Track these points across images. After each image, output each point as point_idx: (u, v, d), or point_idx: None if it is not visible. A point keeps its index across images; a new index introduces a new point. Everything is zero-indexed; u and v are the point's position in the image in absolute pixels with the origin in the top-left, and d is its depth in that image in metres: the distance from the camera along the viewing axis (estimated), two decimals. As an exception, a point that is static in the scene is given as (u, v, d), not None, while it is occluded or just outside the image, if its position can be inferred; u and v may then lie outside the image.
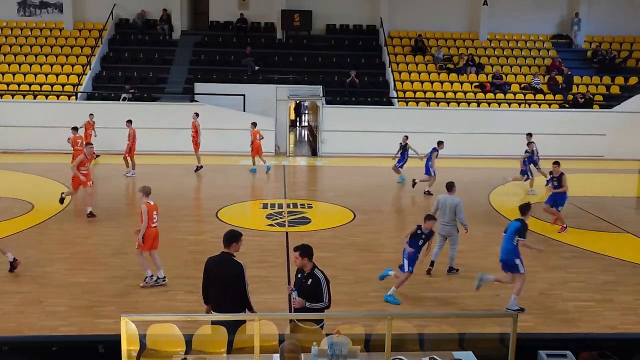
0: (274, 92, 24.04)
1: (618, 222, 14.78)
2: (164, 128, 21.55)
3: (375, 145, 22.75)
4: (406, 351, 6.53)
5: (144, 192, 10.09)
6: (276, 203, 16.00)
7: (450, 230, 11.02)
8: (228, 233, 7.27)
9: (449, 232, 11.04)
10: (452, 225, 10.98)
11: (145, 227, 9.86)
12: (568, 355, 6.33)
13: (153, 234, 10.02)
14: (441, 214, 11.02)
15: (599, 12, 28.12)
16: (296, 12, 27.24)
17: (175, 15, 27.56)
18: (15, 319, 8.76)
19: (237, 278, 7.01)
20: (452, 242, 11.08)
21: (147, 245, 10.00)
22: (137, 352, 6.39)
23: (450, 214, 10.90)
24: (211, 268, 7.17)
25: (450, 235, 11.06)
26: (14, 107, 22.88)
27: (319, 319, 6.91)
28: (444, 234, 11.09)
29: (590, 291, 10.33)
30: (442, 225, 11.00)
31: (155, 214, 10.04)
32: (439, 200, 11.17)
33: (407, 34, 28.05)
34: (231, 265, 7.07)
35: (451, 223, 10.96)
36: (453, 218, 10.90)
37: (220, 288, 7.08)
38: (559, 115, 24.29)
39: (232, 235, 7.23)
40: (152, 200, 10.12)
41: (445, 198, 11.08)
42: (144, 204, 9.96)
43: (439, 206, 11.09)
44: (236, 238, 7.20)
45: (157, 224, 10.10)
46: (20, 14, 27.27)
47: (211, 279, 7.15)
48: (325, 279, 6.96)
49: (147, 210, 9.89)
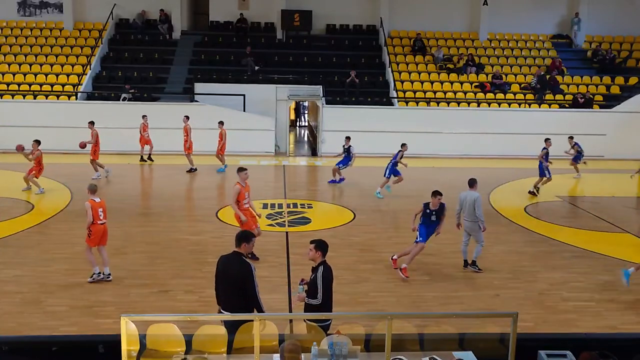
0: (274, 92, 24.05)
1: (618, 222, 14.78)
2: (164, 128, 21.54)
3: (375, 145, 22.73)
4: (406, 351, 6.53)
5: (90, 190, 10.25)
6: (276, 203, 16.00)
7: (472, 226, 11.12)
8: (239, 233, 7.29)
9: (471, 228, 11.15)
10: (473, 221, 11.06)
11: (89, 223, 10.04)
12: (568, 355, 6.32)
13: (100, 231, 10.17)
14: (463, 210, 11.19)
15: (599, 12, 28.13)
16: (296, 12, 27.25)
17: (175, 15, 27.58)
18: (16, 319, 8.76)
19: (244, 279, 6.90)
20: (477, 238, 11.15)
21: (95, 242, 10.17)
22: (137, 352, 6.38)
23: (470, 209, 11.01)
24: (220, 266, 7.16)
25: (473, 231, 11.15)
26: (14, 107, 22.89)
27: (324, 319, 6.90)
28: (467, 230, 11.23)
29: (590, 291, 10.32)
30: (465, 221, 11.20)
31: (101, 211, 10.14)
32: (461, 197, 11.29)
33: (407, 34, 28.07)
34: (239, 264, 7.00)
35: (472, 219, 11.06)
36: (474, 213, 10.99)
37: (227, 287, 7.05)
38: (559, 115, 24.29)
39: (243, 235, 7.23)
40: (98, 197, 10.26)
41: (466, 194, 11.19)
42: (89, 201, 10.13)
43: (461, 202, 11.21)
44: (247, 238, 7.17)
45: (104, 221, 10.22)
46: (20, 14, 27.28)
47: (219, 277, 7.14)
48: (325, 277, 6.95)
49: (91, 207, 10.04)
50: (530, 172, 18.20)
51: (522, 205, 16.27)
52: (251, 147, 22.90)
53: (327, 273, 7.01)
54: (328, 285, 7.00)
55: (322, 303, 6.94)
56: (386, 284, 10.49)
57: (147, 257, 11.52)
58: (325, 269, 7.02)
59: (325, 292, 6.94)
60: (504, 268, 11.37)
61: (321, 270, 6.98)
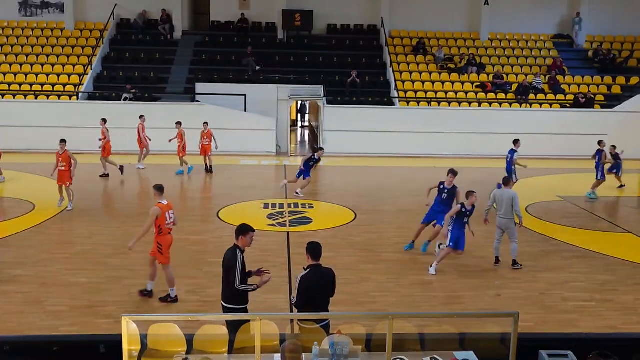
0: (275, 92, 24.05)
1: (619, 221, 14.77)
2: (165, 128, 21.52)
3: (376, 145, 22.76)
4: (407, 351, 6.52)
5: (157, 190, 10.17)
6: (277, 203, 16.00)
7: (507, 223, 11.35)
8: (239, 226, 7.41)
9: (506, 225, 11.37)
10: (509, 219, 11.31)
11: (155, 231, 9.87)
12: (569, 355, 6.33)
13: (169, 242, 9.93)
14: (498, 208, 11.43)
15: (600, 12, 28.10)
16: (297, 12, 27.25)
17: (176, 15, 27.58)
18: (16, 319, 8.76)
19: (230, 267, 7.11)
20: (511, 235, 11.37)
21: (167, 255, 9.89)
22: (138, 352, 6.39)
23: (507, 207, 11.25)
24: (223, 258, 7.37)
25: (507, 228, 11.38)
26: (15, 107, 22.92)
27: (321, 319, 6.89)
28: (501, 227, 11.44)
29: (590, 291, 10.32)
30: (499, 218, 11.43)
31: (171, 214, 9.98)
32: (495, 194, 11.58)
33: (408, 33, 28.07)
34: (230, 254, 7.20)
35: (507, 216, 11.31)
36: (510, 211, 11.25)
37: (222, 278, 7.26)
38: (560, 115, 24.28)
39: (241, 228, 7.34)
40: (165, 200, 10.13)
41: (502, 192, 11.46)
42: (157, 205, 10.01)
43: (496, 200, 11.49)
44: (243, 231, 7.27)
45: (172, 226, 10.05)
46: (21, 14, 27.29)
47: None
48: (303, 280, 6.86)
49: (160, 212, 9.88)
50: (528, 172, 18.15)
51: (524, 205, 16.23)
52: (252, 147, 22.91)
53: (307, 277, 6.89)
54: (305, 289, 6.85)
55: (296, 304, 6.94)
56: (387, 284, 10.49)
57: (148, 257, 11.49)
58: (308, 273, 6.91)
59: (300, 294, 6.85)
60: (504, 268, 11.37)
61: (302, 274, 6.95)
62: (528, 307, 9.48)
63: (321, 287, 6.96)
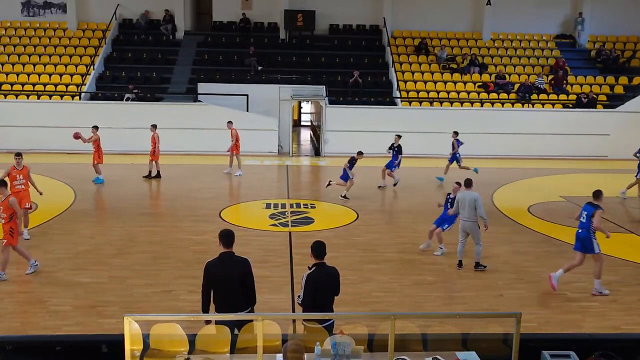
0: (277, 92, 24.06)
1: (622, 222, 14.74)
2: (167, 128, 21.53)
3: (378, 146, 22.67)
4: (409, 351, 6.51)
5: None
6: (279, 203, 16.01)
7: (471, 226, 11.14)
8: (228, 232, 7.11)
9: (470, 228, 11.17)
10: (472, 221, 11.10)
11: None
12: (572, 355, 6.31)
13: None
14: (461, 210, 11.21)
15: (603, 11, 28.07)
16: (299, 12, 27.25)
17: (179, 15, 27.61)
18: (19, 319, 8.78)
19: (246, 274, 6.96)
20: (475, 238, 11.19)
21: None
22: (141, 352, 6.38)
23: (469, 209, 11.04)
24: (216, 271, 6.96)
25: (471, 231, 11.18)
26: (17, 107, 22.95)
27: (325, 319, 6.88)
28: (465, 229, 11.25)
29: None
30: (462, 221, 11.22)
31: None
32: (458, 197, 11.36)
33: (411, 33, 28.05)
34: (239, 263, 6.99)
35: (471, 219, 11.09)
36: (473, 214, 11.04)
37: (228, 289, 6.94)
38: (562, 115, 24.24)
39: (231, 233, 7.13)
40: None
41: (464, 194, 11.22)
42: None
43: (459, 202, 11.26)
44: (234, 236, 7.15)
45: None
46: (24, 14, 27.33)
47: (218, 282, 6.96)
48: (309, 279, 6.84)
49: None
50: (531, 172, 18.15)
51: (526, 205, 16.24)
52: (254, 147, 22.86)
53: (313, 275, 6.86)
54: (312, 286, 6.82)
55: (302, 303, 6.92)
56: (389, 284, 10.48)
57: (150, 257, 11.54)
58: (314, 271, 6.88)
59: (307, 292, 6.82)
60: (507, 268, 11.36)
61: (307, 272, 6.92)
62: (531, 308, 9.47)
63: (327, 284, 6.95)
